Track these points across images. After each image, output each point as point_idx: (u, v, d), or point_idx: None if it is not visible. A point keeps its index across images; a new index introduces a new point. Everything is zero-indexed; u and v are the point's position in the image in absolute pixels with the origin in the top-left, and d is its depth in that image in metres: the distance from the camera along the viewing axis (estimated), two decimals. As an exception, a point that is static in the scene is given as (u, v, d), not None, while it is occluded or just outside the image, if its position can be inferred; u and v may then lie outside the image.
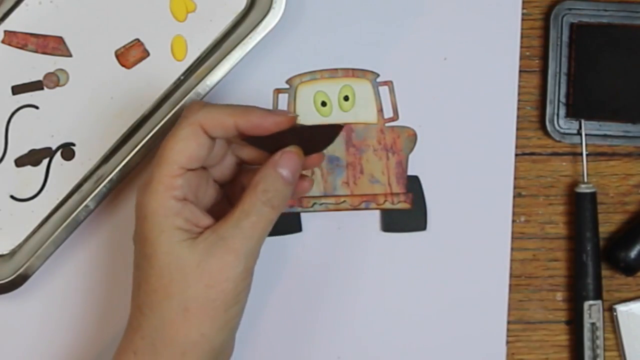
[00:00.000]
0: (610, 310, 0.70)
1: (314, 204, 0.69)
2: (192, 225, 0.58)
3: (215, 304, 0.57)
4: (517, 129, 0.70)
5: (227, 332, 0.59)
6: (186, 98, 0.66)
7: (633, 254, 0.69)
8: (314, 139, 0.61)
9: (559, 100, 0.70)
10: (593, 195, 0.69)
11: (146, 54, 0.68)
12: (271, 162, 0.59)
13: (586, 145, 0.69)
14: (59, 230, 0.65)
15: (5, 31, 0.67)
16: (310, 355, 0.70)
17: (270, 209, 0.58)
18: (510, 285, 0.70)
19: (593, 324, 0.68)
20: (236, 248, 0.57)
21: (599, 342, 0.68)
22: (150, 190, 0.58)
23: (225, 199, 0.64)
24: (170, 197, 0.58)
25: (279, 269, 0.69)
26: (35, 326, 0.69)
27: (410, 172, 0.69)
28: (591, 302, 0.68)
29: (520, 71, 0.70)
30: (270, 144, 0.60)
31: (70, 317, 0.69)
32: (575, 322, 0.69)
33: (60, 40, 0.68)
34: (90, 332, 0.69)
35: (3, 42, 0.67)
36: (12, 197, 0.68)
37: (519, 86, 0.70)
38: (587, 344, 0.68)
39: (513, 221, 0.70)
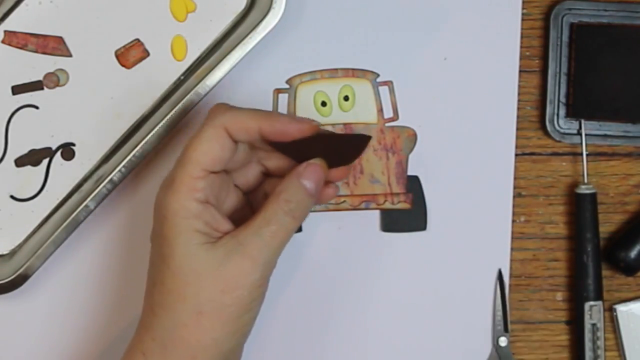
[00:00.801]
0: (610, 310, 0.70)
1: (314, 204, 0.69)
2: (212, 229, 0.58)
3: (229, 309, 0.57)
4: (517, 129, 0.70)
5: (238, 338, 0.59)
6: (186, 98, 0.66)
7: (633, 254, 0.69)
8: (341, 149, 0.61)
9: (559, 100, 0.70)
10: (593, 196, 0.69)
11: (146, 54, 0.68)
12: (295, 173, 0.59)
13: (586, 145, 0.69)
14: (59, 230, 0.65)
15: (5, 31, 0.67)
16: (310, 355, 0.70)
17: (292, 219, 0.58)
18: (510, 285, 0.70)
19: (594, 324, 0.68)
20: (254, 256, 0.57)
21: (600, 342, 0.68)
22: (172, 191, 0.58)
23: (248, 206, 0.64)
24: (192, 199, 0.57)
25: (279, 269, 0.69)
26: (36, 326, 0.69)
27: (410, 172, 0.69)
28: (592, 302, 0.68)
29: (520, 71, 0.70)
30: (296, 151, 0.60)
31: (70, 317, 0.69)
32: (576, 323, 0.69)
33: (60, 40, 0.68)
34: (91, 331, 0.69)
35: (3, 42, 0.67)
36: (12, 197, 0.68)
37: (519, 86, 0.70)
38: (587, 344, 0.68)
39: (513, 221, 0.70)
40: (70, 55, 0.68)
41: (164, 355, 0.58)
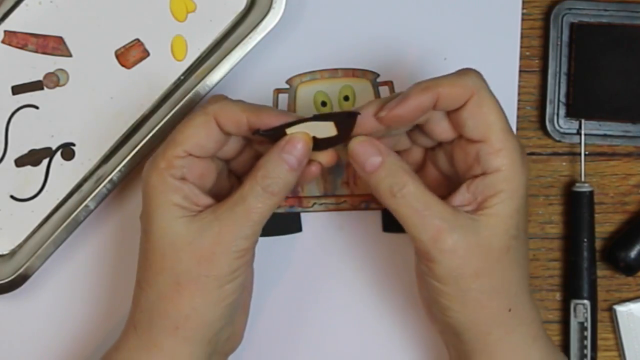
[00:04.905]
0: (609, 310, 0.70)
1: (314, 204, 0.69)
2: (192, 204, 0.59)
3: (207, 279, 0.58)
4: (517, 129, 0.70)
5: (223, 309, 0.59)
6: (186, 98, 0.66)
7: (633, 254, 0.69)
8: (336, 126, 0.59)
9: (559, 100, 0.70)
10: (589, 194, 0.69)
11: (146, 54, 0.68)
12: (276, 147, 0.58)
13: (585, 144, 0.69)
14: (59, 230, 0.65)
15: (5, 31, 0.67)
16: (309, 354, 0.70)
17: (270, 195, 0.58)
18: (510, 285, 0.70)
19: (581, 323, 0.68)
20: (230, 230, 0.57)
21: (587, 342, 0.68)
22: (152, 167, 0.59)
23: None
24: (169, 174, 0.58)
25: (279, 269, 0.69)
26: (36, 326, 0.69)
27: (410, 172, 0.69)
28: (577, 301, 0.68)
29: (520, 71, 0.70)
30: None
31: (70, 317, 0.69)
32: (565, 322, 0.69)
33: (60, 40, 0.68)
34: (90, 331, 0.69)
35: (3, 42, 0.67)
36: (12, 197, 0.68)
37: (519, 86, 0.70)
38: (573, 344, 0.68)
39: (513, 221, 0.70)
40: (70, 55, 0.68)
41: (150, 326, 0.59)
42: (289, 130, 0.58)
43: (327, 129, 0.58)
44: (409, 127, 0.61)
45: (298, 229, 0.69)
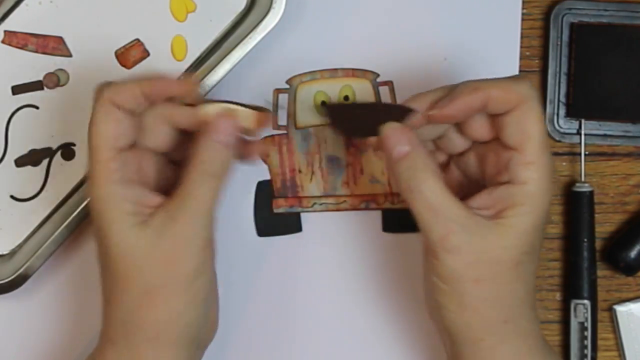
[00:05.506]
0: (609, 310, 0.70)
1: (314, 204, 0.69)
2: (142, 207, 0.58)
3: (177, 280, 0.57)
4: (517, 129, 0.70)
5: (198, 304, 0.59)
6: (186, 98, 0.66)
7: (633, 254, 0.69)
8: (380, 118, 0.59)
9: (559, 100, 0.70)
10: (589, 194, 0.69)
11: (146, 54, 0.68)
12: (204, 131, 0.59)
13: (585, 144, 0.69)
14: (59, 230, 0.65)
15: (5, 31, 0.67)
16: (310, 354, 0.70)
17: (211, 178, 0.58)
18: (510, 285, 0.70)
19: (582, 323, 0.68)
20: (187, 227, 0.57)
21: (587, 342, 0.68)
22: (91, 181, 0.58)
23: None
24: (111, 182, 0.57)
25: (278, 269, 0.69)
26: (36, 326, 0.69)
27: (410, 172, 0.69)
28: (577, 301, 0.68)
29: (520, 71, 0.70)
30: (349, 126, 0.60)
31: (70, 317, 0.69)
32: (565, 322, 0.69)
33: (60, 40, 0.68)
34: (90, 332, 0.69)
35: (3, 42, 0.67)
36: (12, 197, 0.68)
37: (519, 86, 0.70)
38: (574, 344, 0.68)
39: (513, 221, 0.70)
40: (70, 55, 0.68)
41: (129, 338, 0.58)
42: (208, 108, 0.59)
43: (247, 116, 0.60)
44: (441, 132, 0.61)
45: (298, 229, 0.69)
